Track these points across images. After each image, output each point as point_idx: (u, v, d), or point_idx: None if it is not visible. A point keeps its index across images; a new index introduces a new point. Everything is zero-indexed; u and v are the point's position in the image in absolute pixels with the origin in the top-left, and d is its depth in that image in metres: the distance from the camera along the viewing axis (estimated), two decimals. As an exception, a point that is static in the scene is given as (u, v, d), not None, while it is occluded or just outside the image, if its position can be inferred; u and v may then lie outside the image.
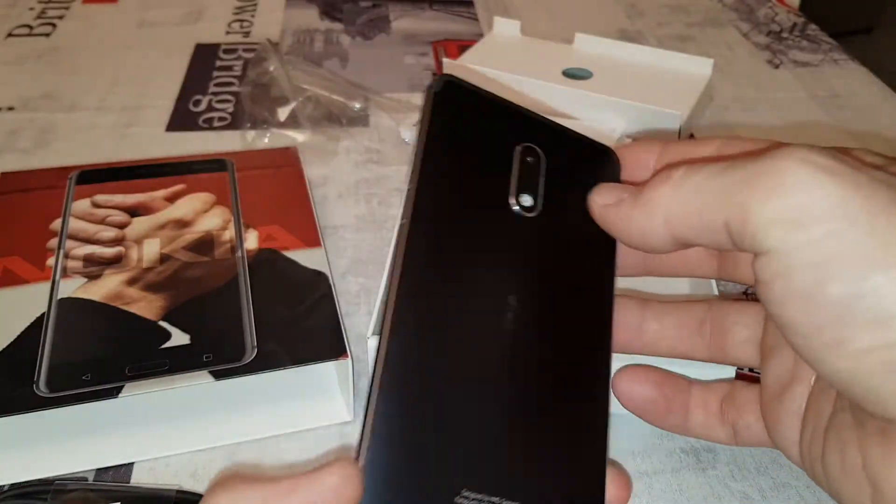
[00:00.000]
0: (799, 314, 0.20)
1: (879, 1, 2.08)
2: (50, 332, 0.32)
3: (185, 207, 0.40)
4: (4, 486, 0.29)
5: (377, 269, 0.41)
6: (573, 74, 0.54)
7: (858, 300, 0.18)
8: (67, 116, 0.53)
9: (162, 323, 0.33)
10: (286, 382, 0.32)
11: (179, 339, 0.32)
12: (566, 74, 0.54)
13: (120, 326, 0.32)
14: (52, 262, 0.36)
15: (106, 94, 0.56)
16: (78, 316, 0.33)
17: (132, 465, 0.30)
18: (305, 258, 0.37)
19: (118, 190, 0.41)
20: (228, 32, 0.66)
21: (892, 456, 0.19)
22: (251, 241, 0.38)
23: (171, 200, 0.40)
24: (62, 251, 0.36)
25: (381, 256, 0.41)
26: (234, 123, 0.53)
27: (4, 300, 0.34)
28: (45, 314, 0.33)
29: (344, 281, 0.40)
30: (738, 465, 0.31)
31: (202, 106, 0.55)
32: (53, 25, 0.66)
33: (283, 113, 0.51)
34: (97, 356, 0.31)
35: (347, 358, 0.31)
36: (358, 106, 0.53)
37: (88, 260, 0.36)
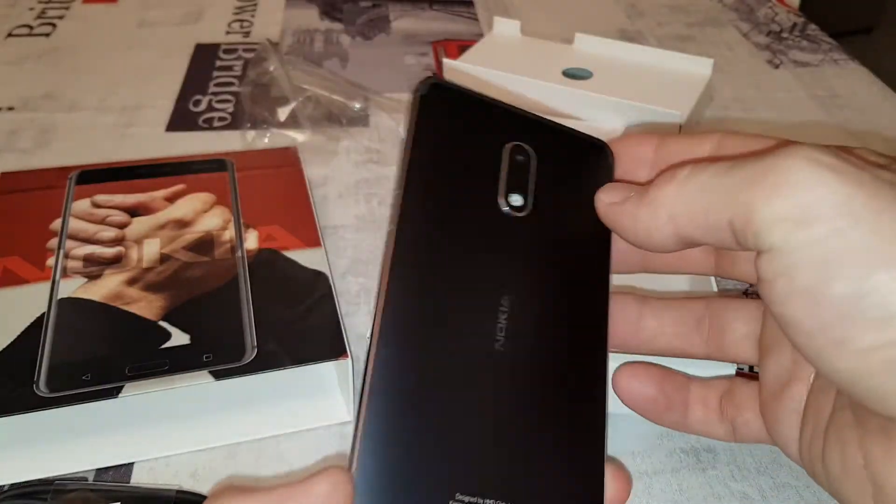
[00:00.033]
0: (801, 313, 0.20)
1: (879, 1, 2.08)
2: (50, 332, 0.32)
3: (185, 207, 0.40)
4: (4, 486, 0.29)
5: (377, 269, 0.41)
6: (573, 74, 0.54)
7: (862, 299, 0.18)
8: (67, 116, 0.53)
9: (162, 323, 0.33)
10: (286, 382, 0.32)
11: (179, 339, 0.32)
12: (566, 74, 0.54)
13: (120, 326, 0.32)
14: (52, 262, 0.36)
15: (106, 94, 0.56)
16: (78, 316, 0.33)
17: (132, 465, 0.30)
18: (305, 258, 0.37)
19: (118, 190, 0.41)
20: (228, 32, 0.66)
21: (893, 454, 0.19)
22: (251, 241, 0.37)
23: (171, 200, 0.40)
24: (62, 251, 0.36)
25: (380, 256, 0.41)
26: (234, 123, 0.53)
27: (4, 300, 0.34)
28: (45, 314, 0.33)
29: (344, 281, 0.40)
30: (738, 465, 0.31)
31: (202, 106, 0.55)
32: (53, 25, 0.66)
33: (283, 113, 0.51)
34: (97, 356, 0.31)
35: (347, 358, 0.31)
36: (358, 106, 0.53)
37: (88, 260, 0.36)
